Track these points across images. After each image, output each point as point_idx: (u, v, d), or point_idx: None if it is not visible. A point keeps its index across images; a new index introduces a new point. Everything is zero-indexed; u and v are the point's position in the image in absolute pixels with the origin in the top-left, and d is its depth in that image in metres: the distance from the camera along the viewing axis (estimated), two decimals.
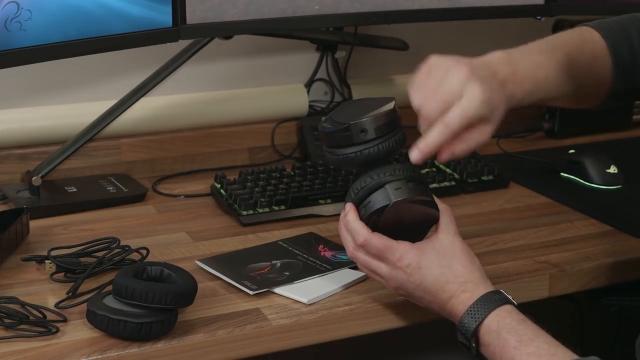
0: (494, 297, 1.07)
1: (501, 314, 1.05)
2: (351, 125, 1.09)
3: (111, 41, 1.35)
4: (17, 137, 1.57)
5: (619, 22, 1.27)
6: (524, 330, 1.04)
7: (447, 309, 1.09)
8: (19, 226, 1.32)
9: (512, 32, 1.96)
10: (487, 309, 1.06)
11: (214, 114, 1.70)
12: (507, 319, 1.05)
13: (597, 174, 1.60)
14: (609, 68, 1.24)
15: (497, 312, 1.06)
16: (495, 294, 1.07)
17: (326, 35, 1.75)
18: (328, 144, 1.13)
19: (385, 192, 1.09)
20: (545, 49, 1.19)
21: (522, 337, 1.03)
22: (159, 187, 1.59)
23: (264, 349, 1.13)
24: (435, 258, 1.10)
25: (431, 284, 1.09)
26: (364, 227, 1.11)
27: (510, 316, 1.05)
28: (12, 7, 1.23)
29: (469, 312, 1.06)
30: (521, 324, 1.05)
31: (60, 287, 1.20)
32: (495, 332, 1.04)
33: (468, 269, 1.09)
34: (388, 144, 1.10)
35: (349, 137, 1.09)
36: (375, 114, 1.10)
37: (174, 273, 1.12)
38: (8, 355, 1.04)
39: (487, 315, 1.05)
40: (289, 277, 1.23)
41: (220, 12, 1.44)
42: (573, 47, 1.22)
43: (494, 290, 1.08)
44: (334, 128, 1.11)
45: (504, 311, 1.06)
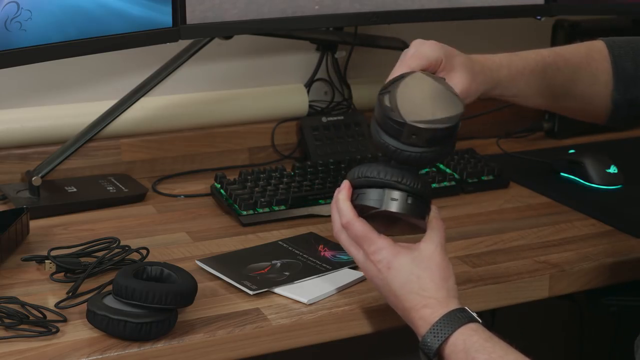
0: (458, 315, 1.04)
1: (467, 332, 1.02)
2: (407, 124, 1.04)
3: (111, 41, 1.35)
4: (17, 137, 1.57)
5: (630, 39, 1.30)
6: (492, 347, 1.01)
7: (409, 319, 1.07)
8: (19, 226, 1.32)
9: (512, 32, 1.96)
10: (451, 327, 1.02)
11: (214, 114, 1.70)
12: (473, 337, 1.02)
13: (597, 174, 1.60)
14: (609, 75, 1.26)
15: (463, 331, 1.02)
16: (460, 312, 1.04)
17: (326, 35, 1.75)
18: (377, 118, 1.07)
19: (380, 195, 1.07)
20: (527, 51, 1.25)
21: (491, 355, 1.00)
22: (159, 187, 1.59)
23: (264, 349, 1.13)
24: (408, 264, 1.07)
25: (396, 288, 1.07)
26: (351, 210, 1.09)
27: (477, 334, 1.02)
28: (12, 7, 1.23)
29: (432, 331, 1.03)
30: (489, 342, 1.01)
31: (60, 287, 1.20)
32: (462, 351, 1.01)
33: (436, 285, 1.06)
34: (431, 156, 1.06)
35: (399, 132, 1.05)
36: (436, 126, 1.04)
37: (174, 273, 1.12)
38: (8, 355, 1.04)
39: (452, 334, 1.02)
40: (289, 277, 1.23)
41: (220, 12, 1.44)
42: (565, 48, 1.26)
43: (459, 308, 1.05)
44: (388, 112, 1.05)
45: (469, 329, 1.03)
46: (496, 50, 1.83)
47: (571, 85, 1.26)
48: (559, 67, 1.25)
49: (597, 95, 1.28)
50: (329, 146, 1.68)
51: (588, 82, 1.27)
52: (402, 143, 1.05)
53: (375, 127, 1.08)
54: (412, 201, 1.07)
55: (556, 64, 1.25)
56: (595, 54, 1.27)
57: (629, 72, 1.26)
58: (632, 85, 1.26)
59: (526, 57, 1.24)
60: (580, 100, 1.29)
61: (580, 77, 1.26)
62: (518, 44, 2.00)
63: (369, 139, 1.71)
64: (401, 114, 1.04)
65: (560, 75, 1.25)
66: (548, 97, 1.27)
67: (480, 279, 1.26)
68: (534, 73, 1.24)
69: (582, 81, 1.27)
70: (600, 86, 1.27)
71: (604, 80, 1.27)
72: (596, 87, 1.27)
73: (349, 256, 1.14)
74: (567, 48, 1.28)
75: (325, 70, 1.80)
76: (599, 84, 1.27)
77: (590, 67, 1.26)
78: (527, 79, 1.23)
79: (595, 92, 1.28)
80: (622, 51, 1.27)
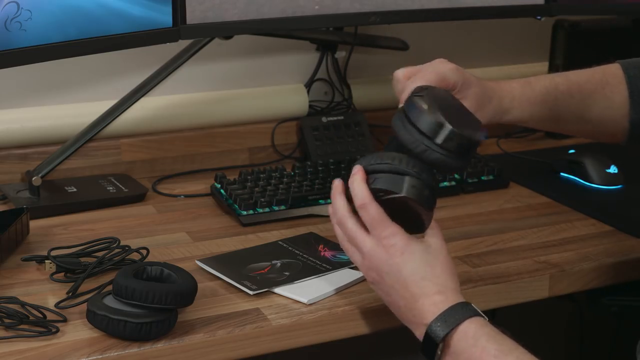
0: (468, 307, 1.04)
1: (478, 322, 1.03)
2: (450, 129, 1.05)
3: (111, 41, 1.35)
4: (17, 137, 1.57)
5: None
6: (502, 340, 1.01)
7: (416, 307, 1.05)
8: (19, 226, 1.32)
9: (512, 32, 1.96)
10: (461, 316, 1.02)
11: (214, 114, 1.70)
12: (485, 327, 1.02)
13: (597, 174, 1.60)
14: (625, 97, 1.26)
15: (474, 320, 1.03)
16: (469, 306, 1.05)
17: (326, 35, 1.75)
18: (412, 115, 1.07)
19: (401, 181, 1.07)
20: (540, 76, 1.27)
21: (502, 347, 1.00)
22: (159, 187, 1.59)
23: (264, 349, 1.13)
24: (421, 252, 1.07)
25: (408, 274, 1.06)
26: (368, 192, 1.07)
27: (487, 326, 1.03)
28: (12, 7, 1.23)
29: (442, 317, 1.03)
30: (500, 335, 1.02)
31: (60, 287, 1.20)
32: (472, 338, 1.01)
33: (449, 276, 1.07)
34: (454, 164, 1.08)
35: (435, 132, 1.06)
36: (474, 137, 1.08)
37: (174, 273, 1.12)
38: (8, 355, 1.04)
39: (463, 322, 1.02)
40: (289, 277, 1.23)
41: (220, 12, 1.44)
42: (579, 74, 1.27)
43: (467, 302, 1.05)
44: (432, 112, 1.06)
45: (480, 321, 1.03)
46: (495, 50, 1.84)
47: (584, 111, 1.27)
48: (572, 94, 1.25)
49: (612, 118, 1.28)
50: (329, 146, 1.68)
51: (602, 107, 1.27)
52: (436, 144, 1.06)
53: (404, 122, 1.08)
54: (428, 193, 1.08)
55: (569, 92, 1.25)
56: (610, 77, 1.28)
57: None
58: None
59: (538, 85, 1.25)
60: (595, 124, 1.29)
61: (594, 103, 1.27)
62: (518, 44, 2.00)
63: (370, 139, 1.71)
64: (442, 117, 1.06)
65: (573, 102, 1.26)
66: (560, 123, 1.28)
67: (480, 279, 1.26)
68: (546, 102, 1.25)
69: (596, 106, 1.27)
70: (615, 109, 1.28)
71: (619, 102, 1.27)
72: (611, 110, 1.28)
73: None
74: (581, 74, 1.28)
75: (325, 70, 1.80)
76: (614, 107, 1.27)
77: (605, 92, 1.27)
78: (539, 108, 1.25)
79: (610, 115, 1.28)
80: (638, 71, 1.28)
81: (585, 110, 1.27)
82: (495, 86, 1.22)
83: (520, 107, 1.23)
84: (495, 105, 1.21)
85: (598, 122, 1.28)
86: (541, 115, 1.25)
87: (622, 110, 1.27)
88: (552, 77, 1.27)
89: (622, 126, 1.28)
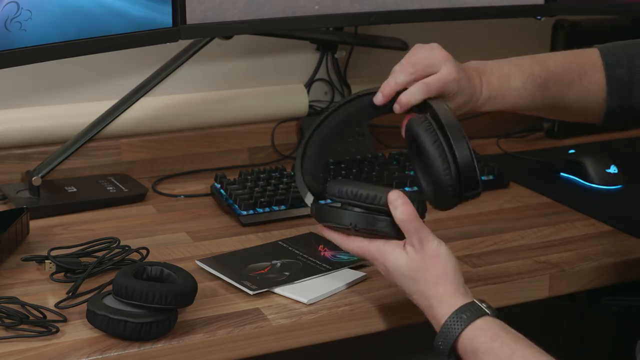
0: (471, 308, 1.05)
1: (474, 332, 1.03)
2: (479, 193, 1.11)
3: (111, 41, 1.35)
4: (17, 137, 1.57)
5: (625, 44, 1.30)
6: (500, 347, 1.02)
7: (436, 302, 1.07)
8: (19, 226, 1.32)
9: (512, 32, 1.96)
10: (460, 326, 1.04)
11: (214, 114, 1.70)
12: (480, 337, 1.03)
13: (597, 174, 1.60)
14: (602, 86, 1.27)
15: (471, 330, 1.03)
16: (465, 309, 1.05)
17: (326, 35, 1.75)
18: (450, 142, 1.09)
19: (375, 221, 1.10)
20: (522, 63, 1.26)
21: (500, 355, 1.01)
22: (159, 187, 1.59)
23: (264, 349, 1.13)
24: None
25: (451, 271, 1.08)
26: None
27: (484, 332, 1.03)
28: (12, 7, 1.23)
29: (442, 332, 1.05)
30: (496, 341, 1.02)
31: (60, 287, 1.20)
32: (471, 352, 1.03)
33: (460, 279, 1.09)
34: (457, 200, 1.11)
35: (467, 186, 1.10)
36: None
37: (174, 273, 1.12)
38: (8, 355, 1.04)
39: (460, 334, 1.03)
40: (289, 277, 1.23)
41: (220, 12, 1.44)
42: (558, 63, 1.27)
43: (465, 305, 1.05)
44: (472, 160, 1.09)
45: (476, 328, 1.03)
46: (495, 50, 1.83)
47: (561, 101, 1.28)
48: (549, 85, 1.26)
49: (588, 106, 1.29)
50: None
51: (579, 95, 1.28)
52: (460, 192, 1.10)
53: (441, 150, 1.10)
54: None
55: (546, 84, 1.26)
56: (588, 67, 1.28)
57: (623, 80, 1.27)
58: (626, 92, 1.27)
59: (515, 80, 1.24)
60: (571, 111, 1.30)
61: (571, 93, 1.28)
62: (518, 44, 2.00)
63: (370, 138, 1.71)
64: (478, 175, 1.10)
65: (549, 93, 1.26)
66: (535, 110, 1.29)
67: (480, 279, 1.26)
68: (521, 98, 1.25)
69: (573, 96, 1.28)
70: (592, 97, 1.28)
71: (595, 91, 1.28)
72: (588, 98, 1.28)
73: (349, 256, 1.14)
74: (559, 62, 1.28)
75: (325, 70, 1.80)
76: (591, 95, 1.28)
77: (582, 82, 1.27)
78: (513, 103, 1.25)
79: (585, 103, 1.29)
80: (616, 58, 1.28)
81: (561, 100, 1.27)
82: (476, 84, 1.22)
83: (493, 103, 1.24)
84: (471, 105, 1.22)
85: (574, 109, 1.29)
86: (516, 107, 1.26)
87: (598, 99, 1.28)
88: (531, 65, 1.26)
89: (597, 112, 1.29)
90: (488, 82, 1.23)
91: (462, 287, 1.08)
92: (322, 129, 1.18)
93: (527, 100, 1.25)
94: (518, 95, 1.24)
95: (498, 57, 1.26)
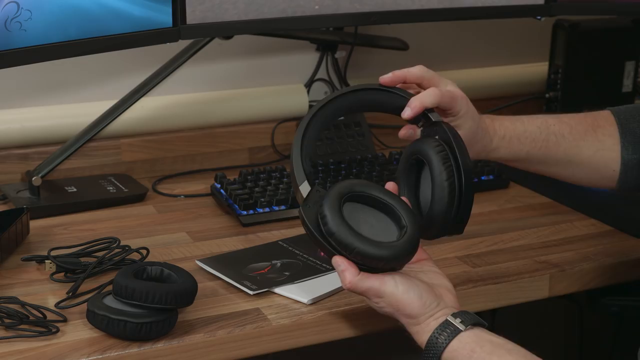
0: (447, 329, 1.04)
1: (450, 355, 1.03)
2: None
3: (111, 41, 1.35)
4: (17, 137, 1.57)
5: (635, 106, 1.30)
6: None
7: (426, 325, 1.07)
8: (19, 226, 1.32)
9: (512, 32, 1.96)
10: (439, 349, 1.03)
11: (214, 113, 1.70)
12: (457, 357, 1.03)
13: None
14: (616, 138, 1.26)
15: (448, 353, 1.03)
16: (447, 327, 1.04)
17: (326, 35, 1.75)
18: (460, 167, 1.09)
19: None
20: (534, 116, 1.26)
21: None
22: (159, 187, 1.59)
23: (264, 349, 1.13)
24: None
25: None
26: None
27: (459, 353, 1.03)
28: (12, 7, 1.23)
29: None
30: (471, 358, 1.02)
31: (60, 287, 1.20)
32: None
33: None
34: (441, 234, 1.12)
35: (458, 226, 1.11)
36: None
37: (174, 273, 1.12)
38: (8, 355, 1.04)
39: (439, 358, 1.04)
40: (289, 277, 1.23)
41: (220, 12, 1.44)
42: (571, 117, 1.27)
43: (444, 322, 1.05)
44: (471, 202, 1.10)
45: (451, 351, 1.03)
46: (495, 50, 1.83)
47: (576, 154, 1.26)
48: (564, 134, 1.25)
49: (603, 161, 1.27)
50: (329, 146, 1.68)
51: (594, 149, 1.27)
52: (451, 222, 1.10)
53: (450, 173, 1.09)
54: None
55: (561, 132, 1.25)
56: (601, 121, 1.28)
57: (637, 132, 1.26)
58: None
59: (530, 123, 1.24)
60: (586, 167, 1.28)
61: (585, 145, 1.26)
62: (518, 44, 2.00)
63: (369, 139, 1.71)
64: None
65: (564, 143, 1.25)
66: (550, 165, 1.27)
67: (480, 279, 1.26)
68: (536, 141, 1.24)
69: (587, 148, 1.26)
70: (607, 151, 1.27)
71: (610, 144, 1.27)
72: (603, 152, 1.27)
73: None
74: (573, 116, 1.29)
75: (325, 70, 1.80)
76: (606, 149, 1.27)
77: (597, 134, 1.27)
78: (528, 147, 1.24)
79: (601, 157, 1.27)
80: (629, 115, 1.28)
81: (576, 153, 1.26)
82: (488, 123, 1.22)
83: (509, 145, 1.23)
84: (485, 143, 1.21)
85: (589, 165, 1.27)
86: (530, 155, 1.25)
87: (613, 153, 1.27)
88: (545, 116, 1.26)
89: (614, 169, 1.27)
90: (501, 123, 1.23)
91: (434, 307, 1.06)
92: (319, 118, 1.16)
93: (543, 146, 1.24)
94: (533, 138, 1.23)
95: (498, 58, 1.26)
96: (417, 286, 1.06)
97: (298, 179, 1.08)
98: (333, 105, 1.14)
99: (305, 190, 1.07)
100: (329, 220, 1.03)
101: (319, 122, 1.13)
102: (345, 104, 1.15)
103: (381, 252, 1.03)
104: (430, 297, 1.06)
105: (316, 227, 1.04)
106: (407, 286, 1.06)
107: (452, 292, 1.09)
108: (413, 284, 1.06)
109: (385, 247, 1.04)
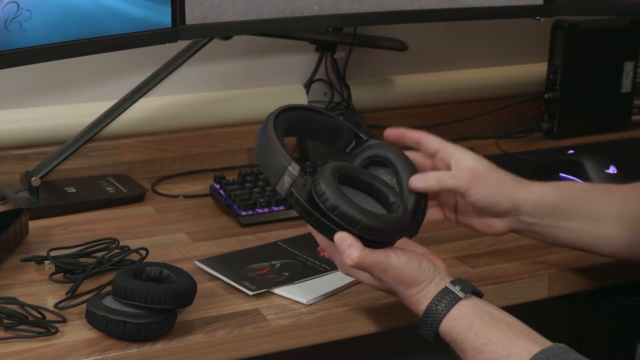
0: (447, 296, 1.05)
1: (450, 324, 1.04)
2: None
3: (111, 41, 1.35)
4: (17, 137, 1.57)
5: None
6: (474, 335, 1.02)
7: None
8: (18, 226, 1.32)
9: (511, 33, 1.96)
10: (439, 316, 1.05)
11: (213, 114, 1.70)
12: (456, 327, 1.04)
13: (596, 174, 1.60)
14: None
15: (447, 322, 1.04)
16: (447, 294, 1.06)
17: (325, 36, 1.75)
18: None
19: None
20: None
21: (475, 344, 1.02)
22: (158, 188, 1.59)
23: (263, 349, 1.13)
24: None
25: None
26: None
27: (458, 323, 1.04)
28: (12, 7, 1.23)
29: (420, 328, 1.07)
30: (471, 329, 1.03)
31: (60, 288, 1.20)
32: (451, 342, 1.05)
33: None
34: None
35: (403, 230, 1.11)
36: None
37: (173, 273, 1.12)
38: (7, 355, 1.04)
39: (438, 327, 1.05)
40: (288, 277, 1.23)
41: (219, 13, 1.44)
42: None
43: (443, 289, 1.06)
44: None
45: (451, 320, 1.04)
46: (495, 51, 1.83)
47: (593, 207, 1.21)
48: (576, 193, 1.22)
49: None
50: (329, 146, 1.67)
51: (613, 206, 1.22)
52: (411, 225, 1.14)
53: None
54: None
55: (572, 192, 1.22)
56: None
57: None
58: None
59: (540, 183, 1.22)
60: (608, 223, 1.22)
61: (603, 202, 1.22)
62: (517, 44, 2.00)
63: None
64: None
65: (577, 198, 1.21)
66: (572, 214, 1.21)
67: (479, 279, 1.26)
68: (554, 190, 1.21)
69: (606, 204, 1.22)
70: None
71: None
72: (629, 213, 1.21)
73: None
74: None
75: (325, 70, 1.80)
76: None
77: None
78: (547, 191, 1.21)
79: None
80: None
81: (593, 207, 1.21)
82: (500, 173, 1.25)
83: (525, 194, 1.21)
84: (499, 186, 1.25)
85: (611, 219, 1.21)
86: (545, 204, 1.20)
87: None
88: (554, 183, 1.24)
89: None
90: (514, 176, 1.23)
91: (433, 272, 1.08)
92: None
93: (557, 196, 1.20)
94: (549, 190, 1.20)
95: (497, 58, 1.25)
96: (414, 255, 1.08)
97: (285, 160, 1.07)
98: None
99: (296, 170, 1.06)
100: (329, 195, 1.04)
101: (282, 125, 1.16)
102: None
103: (385, 225, 1.05)
104: (427, 263, 1.08)
105: (314, 206, 1.05)
106: (407, 256, 1.07)
107: (439, 259, 1.12)
108: (410, 253, 1.08)
109: (388, 219, 1.06)
